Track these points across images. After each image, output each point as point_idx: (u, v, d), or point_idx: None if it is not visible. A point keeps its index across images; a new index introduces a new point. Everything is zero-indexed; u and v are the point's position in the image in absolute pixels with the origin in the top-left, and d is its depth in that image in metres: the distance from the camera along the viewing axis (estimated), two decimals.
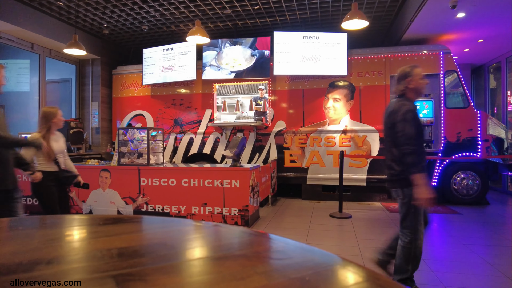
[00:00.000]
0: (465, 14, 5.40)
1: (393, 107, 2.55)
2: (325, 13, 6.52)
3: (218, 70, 6.84)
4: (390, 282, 0.58)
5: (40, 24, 6.19)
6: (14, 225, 1.01)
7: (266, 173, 5.70)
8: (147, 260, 0.70)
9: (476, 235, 4.11)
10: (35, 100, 7.03)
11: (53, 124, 3.30)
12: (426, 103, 5.98)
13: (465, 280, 2.81)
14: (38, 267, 0.63)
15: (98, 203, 5.10)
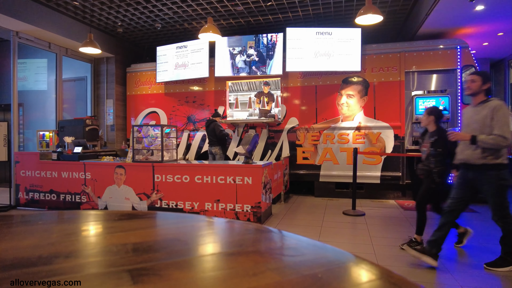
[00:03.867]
0: (484, 7, 5.24)
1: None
2: (339, 8, 6.44)
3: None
4: (404, 280, 0.58)
5: (56, 24, 6.32)
6: (34, 220, 1.05)
7: (278, 170, 5.69)
8: (161, 255, 0.71)
9: (495, 235, 4.00)
10: (52, 98, 7.20)
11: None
12: (442, 99, 5.85)
13: (483, 280, 2.75)
14: (57, 260, 0.65)
15: (113, 199, 5.21)
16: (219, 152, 6.23)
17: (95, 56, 7.75)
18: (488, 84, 2.88)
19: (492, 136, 2.69)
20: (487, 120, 2.76)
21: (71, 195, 5.44)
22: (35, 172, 5.66)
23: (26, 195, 5.75)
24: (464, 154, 2.93)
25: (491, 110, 2.76)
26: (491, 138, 2.69)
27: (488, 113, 2.77)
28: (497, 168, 2.77)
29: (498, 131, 2.68)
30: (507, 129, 2.67)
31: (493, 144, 2.70)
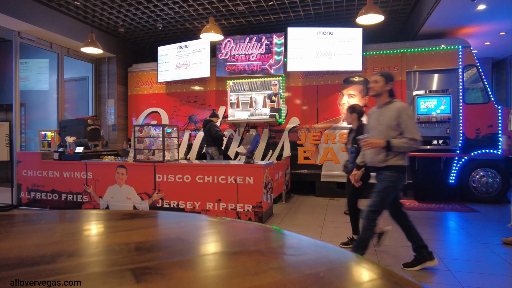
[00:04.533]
0: (486, 6, 5.23)
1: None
2: (340, 8, 6.44)
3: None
4: (405, 279, 0.58)
5: (58, 24, 6.34)
6: (37, 219, 1.05)
7: (279, 170, 5.69)
8: (163, 254, 0.71)
9: (496, 234, 4.00)
10: (54, 98, 7.22)
11: None
12: (443, 99, 5.84)
13: (484, 280, 2.74)
14: (60, 259, 0.65)
15: (114, 199, 5.22)
16: (216, 152, 6.23)
17: (97, 56, 7.76)
18: (391, 85, 2.85)
19: (405, 140, 2.67)
20: (392, 122, 2.72)
21: (72, 194, 5.46)
22: (37, 172, 5.68)
23: (28, 195, 5.76)
24: (367, 157, 2.92)
25: (395, 112, 2.72)
26: (404, 142, 2.67)
27: (392, 115, 2.73)
28: (395, 170, 2.75)
29: (408, 135, 2.66)
30: (415, 131, 2.67)
31: (407, 148, 2.69)
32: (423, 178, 6.07)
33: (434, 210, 5.35)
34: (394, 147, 2.69)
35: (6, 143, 5.81)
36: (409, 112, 2.74)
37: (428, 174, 6.03)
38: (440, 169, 5.96)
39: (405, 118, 2.70)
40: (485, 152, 5.75)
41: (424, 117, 5.90)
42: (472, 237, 3.90)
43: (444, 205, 5.65)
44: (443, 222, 4.67)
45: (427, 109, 5.90)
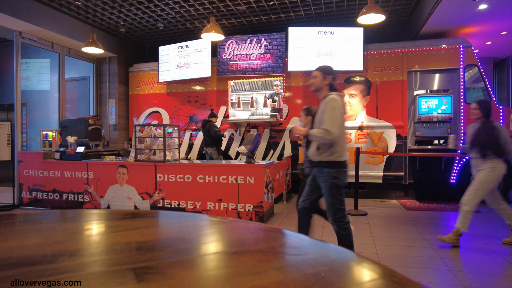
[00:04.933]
0: (487, 6, 5.22)
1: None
2: (341, 7, 6.43)
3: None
4: (406, 279, 0.58)
5: (59, 24, 6.35)
6: (38, 219, 1.05)
7: (280, 169, 5.69)
8: (164, 254, 0.71)
9: (498, 235, 3.99)
10: (55, 98, 7.23)
11: None
12: (445, 99, 5.83)
13: (485, 280, 2.74)
14: (62, 259, 0.66)
15: (115, 199, 5.22)
16: (215, 153, 6.23)
17: (98, 56, 7.77)
18: (329, 79, 2.82)
19: (320, 130, 2.64)
20: (323, 115, 2.71)
21: (73, 194, 5.47)
22: (38, 171, 5.69)
23: (29, 195, 5.77)
24: (309, 151, 2.89)
25: (325, 104, 2.71)
26: (318, 132, 2.64)
27: (323, 108, 2.72)
28: (331, 166, 2.70)
29: (325, 125, 2.63)
30: (333, 123, 2.61)
31: (318, 137, 2.65)
32: (424, 178, 6.06)
33: (435, 210, 5.34)
34: (309, 135, 2.71)
35: (8, 143, 5.82)
36: (334, 104, 2.67)
37: (429, 174, 6.02)
38: (441, 169, 5.95)
39: (328, 109, 2.67)
40: None
41: (425, 117, 5.89)
42: (474, 237, 3.90)
43: (445, 205, 5.64)
44: (444, 222, 4.67)
45: (428, 109, 5.89)
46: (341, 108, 2.70)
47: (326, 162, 2.70)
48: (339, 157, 2.70)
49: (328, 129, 2.59)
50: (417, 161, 6.01)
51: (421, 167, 6.02)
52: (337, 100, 2.69)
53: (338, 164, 2.70)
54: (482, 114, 3.56)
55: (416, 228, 4.28)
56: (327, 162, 2.70)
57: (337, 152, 2.69)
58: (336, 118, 2.63)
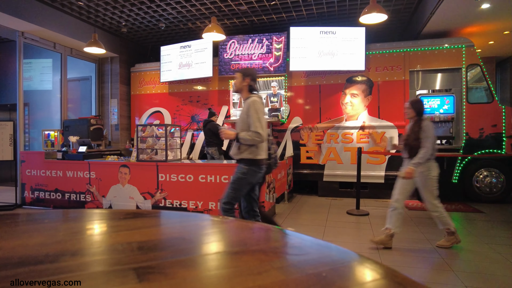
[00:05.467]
0: (490, 5, 5.20)
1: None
2: (343, 7, 6.42)
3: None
4: (408, 279, 0.58)
5: (61, 24, 6.37)
6: (40, 218, 1.06)
7: (282, 169, 5.69)
8: (166, 253, 0.71)
9: (500, 235, 3.98)
10: (57, 98, 7.25)
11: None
12: (447, 99, 5.82)
13: (487, 280, 2.73)
14: (64, 258, 0.66)
15: (117, 198, 5.23)
16: (216, 152, 6.24)
17: (100, 56, 7.79)
18: (248, 80, 2.93)
19: (249, 133, 2.75)
20: (244, 116, 2.81)
21: (76, 194, 5.48)
22: (40, 171, 5.71)
23: (31, 194, 5.79)
24: (231, 151, 3.00)
25: (246, 107, 2.82)
26: (248, 135, 2.75)
27: (244, 109, 2.83)
28: (246, 162, 2.84)
29: (252, 128, 2.74)
30: (259, 125, 2.73)
31: (250, 140, 2.76)
32: None
33: None
34: (241, 139, 2.79)
35: (10, 142, 5.84)
36: (257, 106, 2.79)
37: None
38: (443, 169, 5.93)
39: (251, 112, 2.78)
40: (489, 151, 5.72)
41: (427, 116, 5.86)
42: (476, 237, 3.88)
43: (447, 205, 5.62)
44: None
45: (430, 109, 5.88)
46: (263, 109, 2.85)
47: (244, 159, 2.86)
48: (256, 155, 2.84)
49: (258, 131, 2.73)
50: None
51: None
52: (259, 102, 2.84)
53: (253, 161, 2.84)
54: (415, 114, 3.47)
55: (418, 228, 4.27)
56: (244, 159, 2.86)
57: (255, 150, 2.83)
58: (261, 120, 2.77)
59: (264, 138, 2.77)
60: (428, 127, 3.37)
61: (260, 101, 2.86)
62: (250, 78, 2.95)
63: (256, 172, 2.87)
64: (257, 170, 2.87)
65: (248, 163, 2.84)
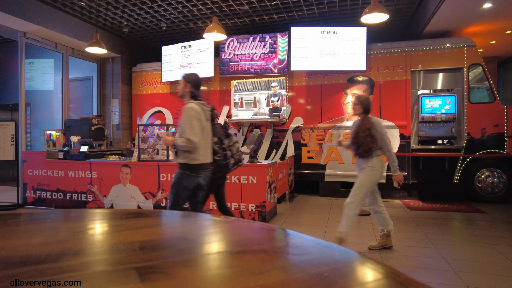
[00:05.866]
0: (491, 5, 5.19)
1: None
2: (344, 7, 6.41)
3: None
4: (410, 279, 0.58)
5: (63, 24, 6.38)
6: (42, 218, 1.06)
7: (283, 169, 5.69)
8: (168, 253, 0.71)
9: (502, 235, 3.97)
10: (59, 98, 7.27)
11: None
12: (448, 98, 5.80)
13: (489, 281, 2.72)
14: (65, 257, 0.66)
15: (119, 198, 5.24)
16: None
17: (101, 56, 7.80)
18: (189, 86, 2.95)
19: (183, 140, 2.80)
20: (183, 123, 2.87)
21: (77, 194, 5.49)
22: (42, 171, 5.72)
23: (33, 194, 5.81)
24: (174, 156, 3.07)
25: (184, 113, 2.87)
26: (182, 141, 2.80)
27: (182, 116, 2.89)
28: (183, 167, 2.91)
29: (184, 134, 2.81)
30: (191, 132, 2.79)
31: (183, 146, 2.82)
32: (427, 178, 6.03)
33: (439, 210, 5.32)
34: (177, 146, 2.85)
35: (12, 142, 5.85)
36: (190, 113, 2.83)
37: (433, 173, 5.99)
38: (445, 169, 5.93)
39: (183, 119, 2.84)
40: (491, 151, 5.71)
41: (429, 116, 5.87)
42: (477, 237, 3.87)
43: (449, 205, 5.62)
44: (448, 222, 4.64)
45: (432, 109, 5.87)
46: (198, 116, 2.86)
47: (182, 164, 2.91)
48: (191, 160, 2.88)
49: (189, 138, 2.78)
50: (421, 161, 5.99)
51: (425, 167, 6.00)
52: (194, 109, 2.86)
53: (187, 166, 2.89)
54: (362, 110, 3.36)
55: (420, 228, 4.26)
56: (182, 164, 2.91)
57: (190, 156, 2.87)
58: (193, 127, 2.81)
59: (196, 145, 2.80)
60: (379, 125, 3.31)
61: (196, 108, 2.88)
62: (191, 85, 2.96)
63: (191, 177, 2.89)
64: (191, 174, 2.89)
65: (182, 167, 2.91)
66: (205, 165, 2.96)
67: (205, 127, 2.93)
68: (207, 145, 3.00)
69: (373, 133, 3.25)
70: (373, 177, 3.32)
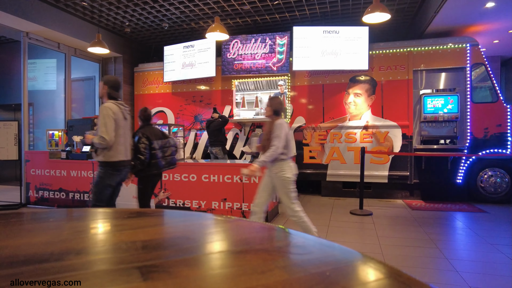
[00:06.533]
0: (494, 4, 5.16)
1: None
2: (346, 6, 6.40)
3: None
4: (412, 279, 0.57)
5: (65, 24, 6.40)
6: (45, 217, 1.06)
7: None
8: (170, 252, 0.72)
9: (504, 235, 3.95)
10: (61, 98, 7.29)
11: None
12: (451, 98, 5.78)
13: (492, 281, 2.71)
14: (68, 256, 0.66)
15: (121, 198, 5.21)
16: (220, 152, 6.24)
17: (103, 56, 7.82)
18: (106, 88, 3.16)
19: (97, 137, 2.95)
20: (98, 122, 3.01)
21: (79, 193, 5.51)
22: (44, 170, 5.74)
23: (36, 193, 5.83)
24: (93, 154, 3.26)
25: (99, 112, 3.01)
26: (97, 139, 2.96)
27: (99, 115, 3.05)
28: (102, 165, 3.06)
29: (98, 132, 2.91)
30: (104, 130, 2.92)
31: (97, 144, 2.96)
32: (430, 178, 6.01)
33: (441, 210, 5.30)
34: (94, 144, 2.99)
35: (15, 142, 5.88)
36: (105, 112, 2.98)
37: (435, 173, 5.97)
38: (447, 169, 5.91)
39: (99, 117, 2.99)
40: (494, 151, 5.68)
41: (431, 116, 5.85)
42: (480, 237, 3.86)
43: (451, 205, 5.60)
44: (451, 222, 4.63)
45: (434, 108, 5.84)
46: (114, 115, 3.00)
47: (101, 162, 3.07)
48: (110, 158, 3.03)
49: (103, 136, 2.93)
50: (423, 161, 5.97)
51: (427, 167, 5.98)
52: (109, 108, 3.01)
53: (108, 164, 3.05)
54: (272, 112, 3.21)
55: (422, 228, 4.25)
56: (101, 162, 3.07)
57: (108, 153, 3.02)
58: (107, 125, 2.95)
59: (109, 142, 2.94)
60: (278, 126, 3.13)
61: (112, 107, 3.02)
62: (108, 86, 3.16)
63: (112, 174, 3.06)
64: (112, 171, 3.06)
65: (103, 165, 3.05)
66: (125, 162, 3.14)
67: (122, 125, 3.09)
68: (126, 143, 3.16)
69: (271, 135, 3.12)
70: (286, 181, 3.17)
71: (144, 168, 3.47)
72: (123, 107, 3.17)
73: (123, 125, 3.11)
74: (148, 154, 3.45)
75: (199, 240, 0.85)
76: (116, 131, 3.02)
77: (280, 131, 3.11)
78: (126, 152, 3.16)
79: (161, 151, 3.59)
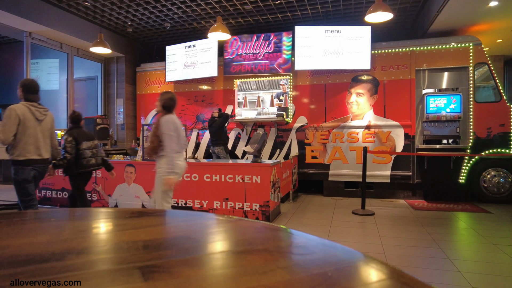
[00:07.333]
0: (498, 3, 5.14)
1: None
2: (348, 6, 6.39)
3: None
4: (415, 279, 0.57)
5: (68, 24, 6.42)
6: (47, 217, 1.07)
7: (287, 169, 5.68)
8: (171, 252, 0.71)
9: (508, 235, 3.93)
10: (64, 97, 7.31)
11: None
12: (453, 98, 5.76)
13: (495, 282, 2.70)
14: (70, 256, 0.66)
15: (123, 197, 5.26)
16: (222, 152, 6.25)
17: (106, 55, 7.84)
18: (20, 90, 3.34)
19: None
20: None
21: None
22: None
23: (38, 193, 5.85)
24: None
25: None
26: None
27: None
28: (13, 163, 3.22)
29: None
30: (2, 130, 3.10)
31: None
32: (432, 178, 5.99)
33: (444, 210, 5.28)
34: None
35: None
36: (7, 113, 3.13)
37: (438, 173, 5.95)
38: (450, 169, 5.88)
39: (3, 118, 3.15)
40: (497, 151, 5.66)
41: (434, 116, 5.82)
42: (483, 238, 3.84)
43: (454, 205, 5.58)
44: (453, 222, 4.61)
45: (437, 108, 5.82)
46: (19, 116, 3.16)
47: (11, 160, 3.23)
48: (18, 156, 3.18)
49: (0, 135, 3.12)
50: (425, 161, 5.95)
51: (429, 167, 5.96)
52: (14, 109, 3.16)
53: (17, 162, 3.20)
54: (161, 108, 3.13)
55: (424, 228, 4.24)
56: (11, 160, 3.23)
57: (16, 152, 3.18)
58: (6, 126, 3.11)
59: (4, 142, 3.11)
60: (163, 122, 3.03)
61: (19, 108, 3.18)
62: (22, 89, 3.34)
63: (25, 169, 3.22)
64: (25, 167, 3.22)
65: (13, 163, 3.22)
66: (36, 161, 3.28)
67: (31, 126, 3.22)
68: (38, 142, 3.28)
69: (158, 133, 3.04)
70: (159, 179, 3.10)
71: (71, 166, 3.77)
72: (36, 109, 3.34)
73: (33, 125, 3.24)
74: (74, 153, 3.72)
75: (201, 240, 0.85)
76: (24, 132, 3.17)
77: (167, 128, 3.01)
78: (39, 151, 3.31)
79: (90, 151, 3.86)
